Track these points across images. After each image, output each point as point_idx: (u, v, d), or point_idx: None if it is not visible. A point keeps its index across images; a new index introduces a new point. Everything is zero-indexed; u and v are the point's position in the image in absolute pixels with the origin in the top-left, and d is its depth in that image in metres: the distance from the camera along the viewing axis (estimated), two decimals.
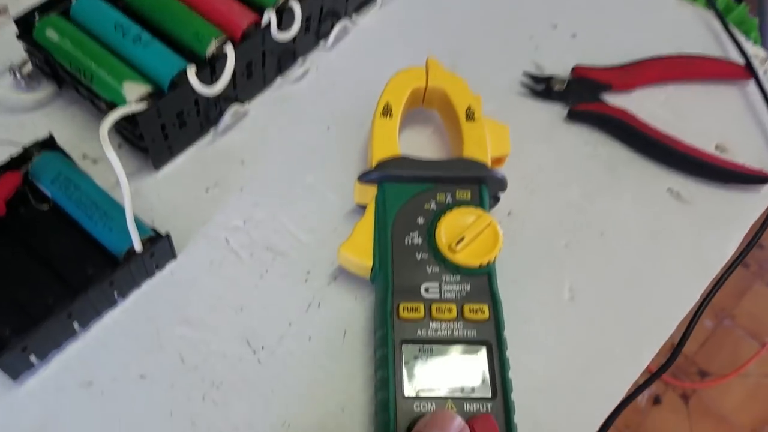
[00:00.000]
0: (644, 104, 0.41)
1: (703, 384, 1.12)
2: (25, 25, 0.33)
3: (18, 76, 0.36)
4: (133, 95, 0.31)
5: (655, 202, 0.38)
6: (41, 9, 0.34)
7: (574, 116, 0.40)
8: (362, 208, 0.34)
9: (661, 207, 0.37)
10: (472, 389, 0.27)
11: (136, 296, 0.32)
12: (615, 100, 0.41)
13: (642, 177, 0.39)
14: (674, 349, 0.34)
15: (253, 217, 0.35)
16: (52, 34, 0.32)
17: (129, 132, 0.32)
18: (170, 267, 0.33)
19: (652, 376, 0.34)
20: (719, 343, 1.15)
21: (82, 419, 0.28)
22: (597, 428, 0.30)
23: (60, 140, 0.34)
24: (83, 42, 0.32)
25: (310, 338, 0.31)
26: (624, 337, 0.33)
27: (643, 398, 1.08)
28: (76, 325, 0.30)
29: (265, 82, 0.38)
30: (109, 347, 0.30)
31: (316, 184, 0.36)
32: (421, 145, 0.38)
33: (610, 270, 0.35)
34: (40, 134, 0.34)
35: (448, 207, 0.31)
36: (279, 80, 0.39)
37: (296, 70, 0.40)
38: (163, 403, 0.29)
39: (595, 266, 0.35)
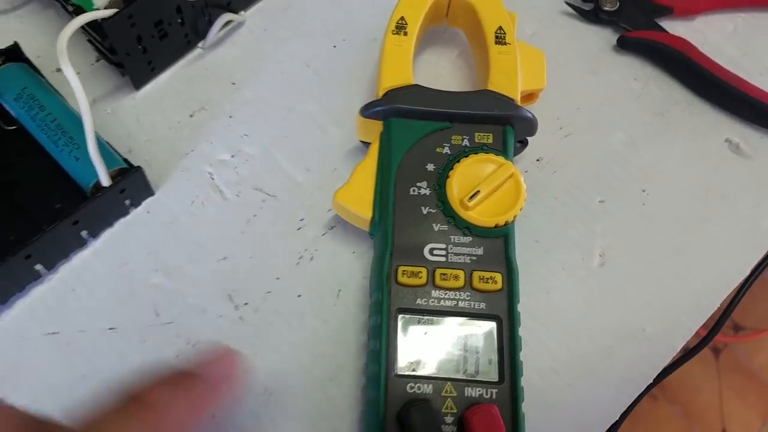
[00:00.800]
0: (709, 34, 0.35)
1: (736, 338, 1.08)
2: None
3: None
4: None
5: (710, 155, 0.32)
6: None
7: (625, 44, 0.34)
8: (366, 146, 0.30)
9: (717, 160, 0.32)
10: (476, 371, 0.23)
11: (107, 236, 0.28)
12: (675, 27, 0.34)
13: (698, 123, 0.33)
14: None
15: (243, 150, 0.30)
16: None
17: (101, 45, 0.27)
18: (146, 204, 0.29)
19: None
20: (756, 297, 1.10)
21: (46, 370, 0.26)
22: (617, 418, 0.26)
23: (31, 50, 0.30)
24: None
25: (299, 296, 0.28)
26: (657, 314, 0.28)
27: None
28: (39, 267, 0.26)
29: None
30: (77, 293, 0.27)
31: (318, 114, 0.32)
32: (441, 73, 0.33)
33: (650, 233, 0.30)
34: (6, 41, 0.30)
35: (465, 152, 0.26)
36: None
37: None
38: (133, 359, 0.26)
39: (632, 228, 0.30)
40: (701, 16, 0.35)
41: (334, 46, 0.33)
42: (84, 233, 0.27)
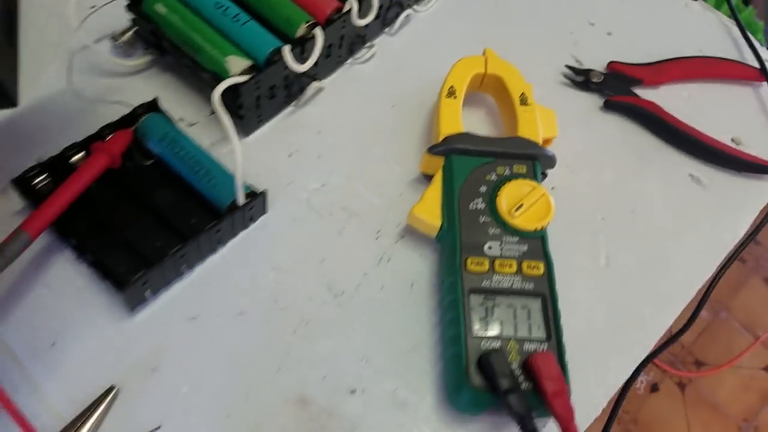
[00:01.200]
0: (669, 99, 0.46)
1: (698, 373, 1.18)
2: None
3: (118, 43, 0.40)
4: (236, 68, 0.35)
5: (678, 186, 0.43)
6: None
7: (609, 106, 0.45)
8: (425, 176, 0.39)
9: (683, 190, 0.43)
10: (530, 333, 0.32)
11: (232, 245, 0.36)
12: (645, 93, 0.46)
13: (667, 163, 0.44)
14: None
15: (330, 182, 0.39)
16: (160, 8, 0.36)
17: (230, 101, 0.36)
18: (261, 220, 0.37)
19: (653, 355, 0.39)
20: (715, 335, 1.22)
21: (189, 348, 0.33)
22: (629, 375, 0.35)
23: None
24: (189, 17, 0.36)
25: (382, 287, 0.36)
26: (652, 299, 0.38)
27: (641, 386, 1.14)
28: (184, 266, 0.34)
29: (338, 63, 0.43)
30: (211, 287, 0.35)
31: (383, 155, 0.41)
32: (475, 124, 0.43)
33: (640, 242, 0.40)
34: (138, 97, 0.38)
35: (507, 178, 0.36)
36: (350, 61, 0.44)
37: (364, 53, 0.44)
38: (260, 336, 0.34)
39: (627, 238, 0.40)
40: (664, 86, 0.47)
41: (393, 106, 0.43)
42: (217, 241, 0.35)
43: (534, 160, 0.37)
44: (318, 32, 0.37)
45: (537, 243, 0.34)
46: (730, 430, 1.11)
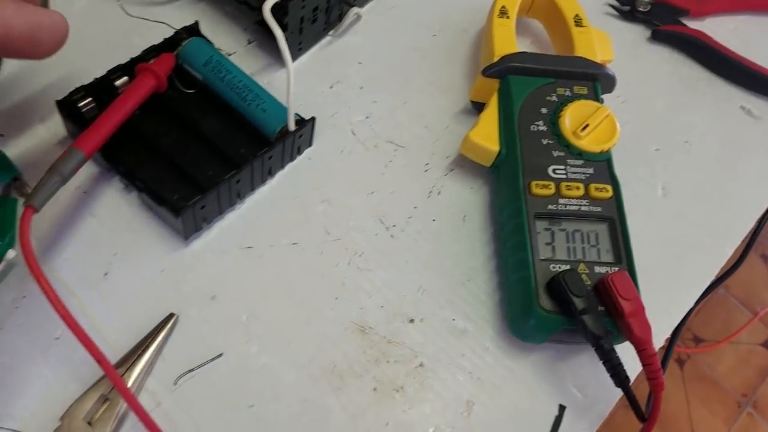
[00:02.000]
0: (716, 31, 0.45)
1: (697, 349, 1.18)
2: None
3: None
4: None
5: (730, 117, 0.41)
6: None
7: (657, 36, 0.43)
8: (474, 105, 0.38)
9: (735, 121, 0.41)
10: (599, 256, 0.31)
11: (280, 176, 0.35)
12: (691, 24, 0.44)
13: (717, 94, 0.42)
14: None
15: (374, 113, 0.38)
16: None
17: (280, 22, 0.33)
18: (307, 152, 0.35)
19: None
20: (713, 311, 1.22)
21: (246, 277, 0.31)
22: (691, 305, 0.34)
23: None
24: None
25: (433, 220, 0.35)
26: (710, 229, 0.37)
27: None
28: (236, 196, 0.32)
29: None
30: (263, 218, 0.33)
31: (427, 86, 0.39)
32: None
33: (696, 172, 0.38)
34: (175, 24, 0.36)
35: (569, 99, 0.34)
36: None
37: None
38: (315, 266, 0.32)
39: (682, 168, 0.38)
40: (710, 17, 0.45)
41: (434, 35, 0.41)
42: (267, 171, 0.33)
43: (594, 81, 0.35)
44: None
45: (602, 165, 0.33)
46: (729, 405, 1.12)
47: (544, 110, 0.34)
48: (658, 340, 0.33)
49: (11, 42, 0.23)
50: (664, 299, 0.34)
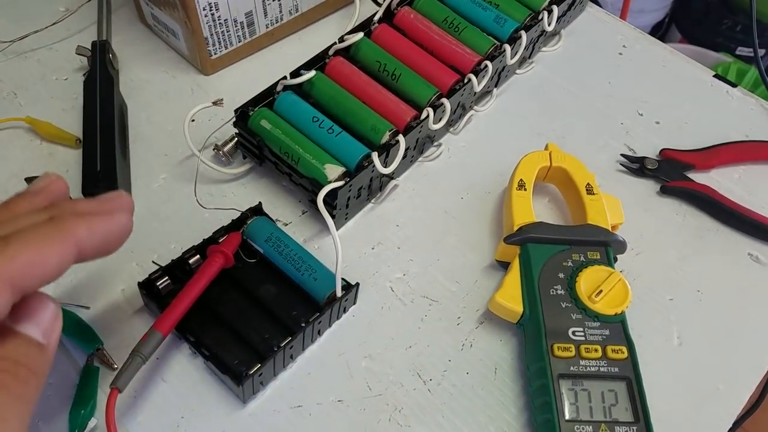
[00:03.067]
0: (721, 182, 0.49)
1: None
2: (242, 115, 0.42)
3: (220, 153, 0.45)
4: (333, 175, 0.39)
5: (738, 265, 0.45)
6: (252, 103, 0.43)
7: (666, 191, 0.48)
8: (499, 263, 0.42)
9: (743, 269, 0.45)
10: (619, 416, 0.34)
11: (328, 334, 0.39)
12: (697, 177, 0.49)
13: (726, 243, 0.46)
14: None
15: (410, 271, 0.42)
16: (265, 124, 0.41)
17: (325, 202, 0.39)
18: (352, 310, 0.40)
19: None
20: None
21: None
22: None
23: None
24: (290, 131, 0.41)
25: (467, 373, 0.38)
26: (725, 376, 0.39)
27: None
28: (289, 358, 0.37)
29: (411, 161, 0.47)
30: (311, 376, 0.37)
31: (457, 244, 0.44)
32: (541, 211, 0.46)
33: (709, 320, 0.42)
34: (239, 202, 0.43)
35: (583, 265, 0.38)
36: (420, 159, 0.48)
37: (433, 151, 0.48)
38: (358, 424, 0.36)
39: (696, 317, 0.42)
40: (715, 170, 0.50)
41: (461, 198, 0.47)
42: (317, 332, 0.38)
43: (606, 246, 0.39)
44: (401, 138, 0.41)
45: (618, 327, 0.36)
46: None
47: (561, 275, 0.38)
48: None
49: (84, 257, 0.25)
50: None
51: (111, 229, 0.26)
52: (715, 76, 0.57)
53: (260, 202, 0.41)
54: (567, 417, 0.33)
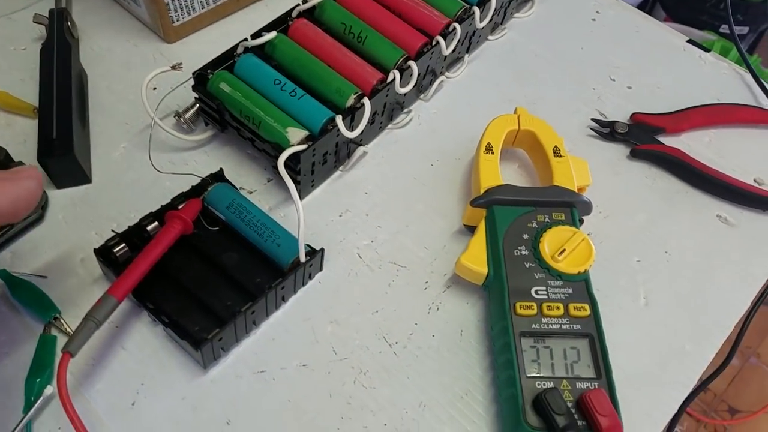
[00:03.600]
0: (692, 145, 0.49)
1: (733, 421, 1.16)
2: (200, 78, 0.42)
3: (181, 120, 0.44)
4: (296, 138, 0.39)
5: (707, 226, 0.45)
6: (211, 66, 0.42)
7: (635, 154, 0.47)
8: (467, 228, 0.42)
9: (712, 230, 0.45)
10: (581, 372, 0.33)
11: (293, 301, 0.39)
12: (668, 141, 0.48)
13: (695, 205, 0.46)
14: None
15: (378, 237, 0.42)
16: (224, 87, 0.40)
17: (289, 168, 0.39)
18: (318, 276, 0.40)
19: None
20: (747, 381, 1.20)
21: (258, 401, 0.35)
22: (675, 411, 0.36)
23: None
24: (251, 94, 0.40)
25: (433, 335, 0.38)
26: (691, 335, 0.39)
27: None
28: (251, 324, 0.37)
29: (380, 128, 0.46)
30: (275, 342, 0.37)
31: (426, 210, 0.44)
32: (510, 176, 0.46)
33: (676, 281, 0.42)
34: (200, 170, 0.42)
35: (548, 225, 0.38)
36: (390, 126, 0.47)
37: (403, 118, 0.48)
38: (323, 387, 0.36)
39: (663, 278, 0.42)
40: (685, 133, 0.50)
41: (432, 165, 0.46)
42: (281, 298, 0.38)
43: (572, 207, 0.39)
44: (366, 101, 0.40)
45: (581, 285, 0.36)
46: None
47: (525, 236, 0.38)
48: None
49: None
50: (648, 405, 0.36)
51: (19, 194, 0.29)
52: (688, 41, 0.57)
53: (221, 168, 0.41)
54: (528, 374, 0.33)
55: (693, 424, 1.15)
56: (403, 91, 0.43)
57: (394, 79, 0.42)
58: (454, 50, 0.48)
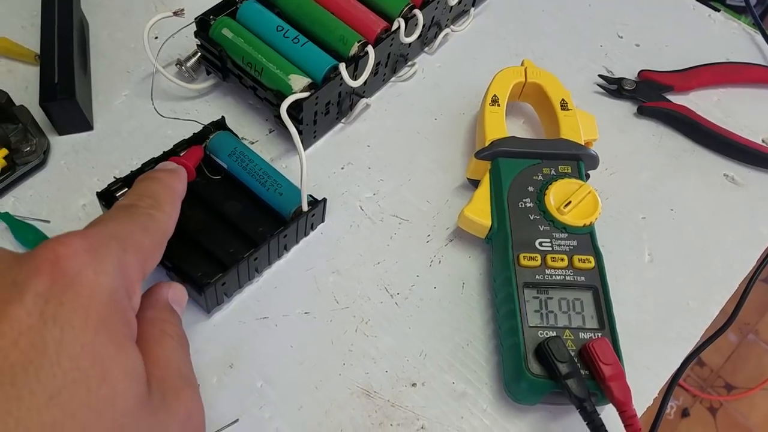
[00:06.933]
0: (700, 104, 0.48)
1: (729, 397, 1.17)
2: (202, 24, 0.41)
3: (183, 68, 0.43)
4: (298, 86, 0.38)
5: (714, 185, 0.44)
6: (213, 12, 0.41)
7: (643, 112, 0.47)
8: (471, 182, 0.42)
9: (719, 189, 0.44)
10: (584, 323, 0.33)
11: (295, 250, 0.38)
12: (676, 99, 0.48)
13: (702, 164, 0.45)
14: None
15: (380, 190, 0.42)
16: (227, 33, 0.40)
17: (291, 116, 0.38)
18: (320, 228, 0.40)
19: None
20: (744, 357, 1.21)
21: (261, 346, 0.35)
22: (677, 366, 0.36)
23: None
24: (253, 41, 0.39)
25: (435, 287, 0.38)
26: (696, 292, 0.39)
27: (671, 411, 1.13)
28: (254, 270, 0.36)
29: (383, 81, 0.45)
30: (278, 290, 0.37)
31: (429, 164, 0.43)
32: (516, 131, 0.45)
33: (681, 239, 0.41)
34: (203, 119, 0.41)
35: (554, 178, 0.37)
36: (393, 79, 0.47)
37: (406, 71, 0.47)
38: (325, 334, 0.36)
39: (668, 235, 0.41)
40: (694, 92, 0.49)
41: (435, 119, 0.46)
42: (283, 247, 0.37)
43: (578, 161, 0.39)
44: (370, 50, 0.40)
45: (586, 238, 0.36)
46: None
47: (531, 188, 0.37)
48: (647, 399, 0.35)
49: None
50: (651, 360, 0.36)
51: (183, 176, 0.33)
52: None
53: (223, 116, 0.40)
54: (530, 323, 0.33)
55: (689, 399, 1.16)
56: (407, 40, 0.43)
57: (398, 27, 0.41)
58: (459, 2, 0.47)
